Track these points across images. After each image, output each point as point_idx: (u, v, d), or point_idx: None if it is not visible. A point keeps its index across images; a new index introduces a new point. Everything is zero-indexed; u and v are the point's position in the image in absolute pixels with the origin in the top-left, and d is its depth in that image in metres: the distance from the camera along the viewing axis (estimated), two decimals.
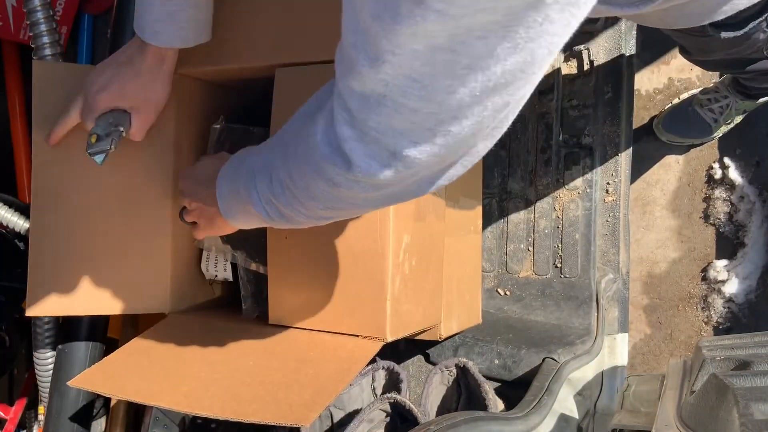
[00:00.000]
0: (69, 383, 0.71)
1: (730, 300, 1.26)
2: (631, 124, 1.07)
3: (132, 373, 0.72)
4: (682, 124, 1.24)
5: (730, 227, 1.27)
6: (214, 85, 0.92)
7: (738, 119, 1.21)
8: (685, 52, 0.87)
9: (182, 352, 0.76)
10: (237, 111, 0.93)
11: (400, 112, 0.36)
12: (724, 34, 0.67)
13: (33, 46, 0.84)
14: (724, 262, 1.27)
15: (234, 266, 0.92)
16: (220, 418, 0.61)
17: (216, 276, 0.93)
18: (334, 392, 0.62)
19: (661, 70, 1.32)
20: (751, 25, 0.66)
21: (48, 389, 0.93)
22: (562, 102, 1.08)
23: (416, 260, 0.75)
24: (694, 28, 0.67)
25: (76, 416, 0.90)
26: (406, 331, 0.75)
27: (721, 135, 1.25)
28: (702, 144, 1.28)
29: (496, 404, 0.85)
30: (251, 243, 0.87)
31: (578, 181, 1.06)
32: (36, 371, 0.93)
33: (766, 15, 0.65)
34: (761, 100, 1.14)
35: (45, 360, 0.93)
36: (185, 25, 0.69)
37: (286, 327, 0.85)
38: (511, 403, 0.86)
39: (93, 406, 0.93)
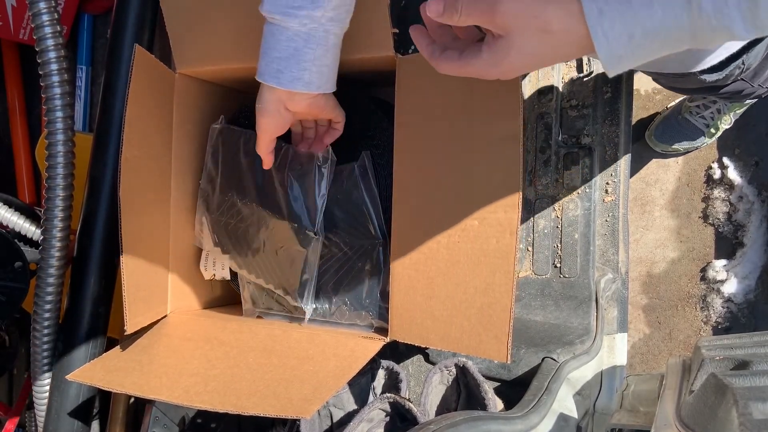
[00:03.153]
0: (68, 377, 0.72)
1: (729, 300, 1.26)
2: (630, 124, 1.07)
3: (131, 369, 0.72)
4: (673, 132, 1.24)
5: (729, 227, 1.27)
6: (213, 85, 0.92)
7: (732, 120, 1.21)
8: (659, 81, 0.88)
9: (181, 349, 0.76)
10: (236, 111, 0.93)
11: None
12: (707, 77, 0.67)
13: (37, 49, 0.84)
14: (723, 261, 1.27)
15: None
16: (220, 411, 0.61)
17: (214, 275, 0.93)
18: (334, 387, 0.62)
19: None
20: (732, 66, 0.66)
21: (43, 389, 0.93)
22: (562, 102, 1.08)
23: None
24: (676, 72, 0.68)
25: (76, 415, 0.90)
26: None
27: (717, 137, 1.25)
28: (698, 148, 1.28)
29: (496, 404, 0.85)
30: (240, 251, 0.87)
31: (577, 181, 1.06)
32: (32, 371, 0.93)
33: (744, 56, 0.66)
34: (748, 101, 1.14)
35: (43, 360, 0.93)
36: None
37: (285, 326, 0.85)
38: (510, 403, 0.86)
39: (93, 405, 0.93)
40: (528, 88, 1.10)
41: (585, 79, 1.07)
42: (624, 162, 1.06)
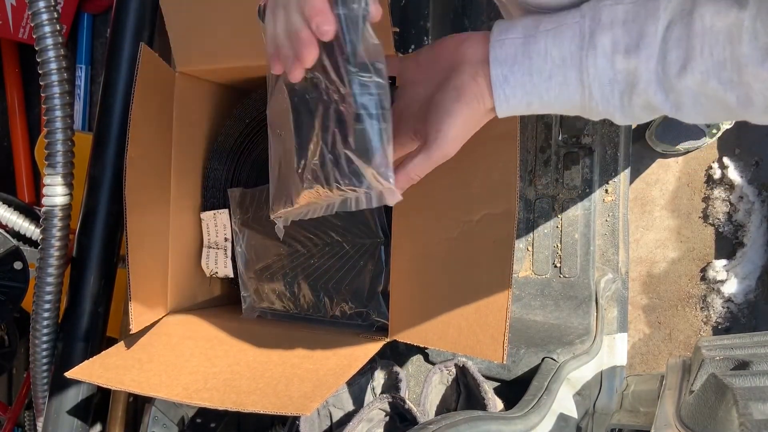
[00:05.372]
0: (67, 374, 0.71)
1: (729, 300, 1.26)
2: (630, 124, 1.07)
3: (130, 366, 0.72)
4: (675, 132, 1.23)
5: (729, 227, 1.27)
6: (213, 84, 0.92)
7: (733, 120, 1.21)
8: None
9: (181, 347, 0.76)
10: (236, 111, 0.93)
11: None
12: None
13: (37, 49, 0.84)
14: (723, 261, 1.27)
15: (234, 264, 0.92)
16: (219, 409, 0.61)
17: (216, 273, 0.93)
18: (334, 385, 0.62)
19: None
20: None
21: (42, 389, 0.93)
22: None
23: None
24: None
25: (75, 414, 0.90)
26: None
27: (718, 136, 1.25)
28: (699, 147, 1.28)
29: (496, 404, 0.85)
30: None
31: (577, 181, 1.06)
32: (32, 371, 0.93)
33: None
34: None
35: (42, 360, 0.93)
36: None
37: (286, 325, 0.85)
38: (510, 403, 0.86)
39: (92, 404, 0.93)
40: None
41: None
42: (624, 162, 1.06)
